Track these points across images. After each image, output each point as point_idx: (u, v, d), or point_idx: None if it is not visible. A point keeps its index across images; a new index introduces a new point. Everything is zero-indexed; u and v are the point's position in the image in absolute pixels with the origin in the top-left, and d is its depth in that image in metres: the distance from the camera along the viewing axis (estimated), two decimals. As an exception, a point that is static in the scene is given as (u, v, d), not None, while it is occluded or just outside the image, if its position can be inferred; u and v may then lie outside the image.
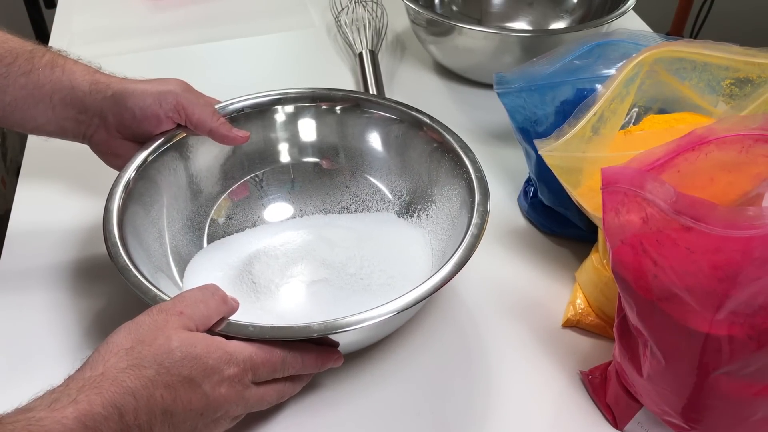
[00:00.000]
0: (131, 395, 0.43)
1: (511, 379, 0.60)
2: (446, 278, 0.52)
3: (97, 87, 0.62)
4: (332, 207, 0.71)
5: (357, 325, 0.49)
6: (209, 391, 0.47)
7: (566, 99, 0.65)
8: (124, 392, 0.43)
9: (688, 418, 0.49)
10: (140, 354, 0.45)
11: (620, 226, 0.46)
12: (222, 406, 0.48)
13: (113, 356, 0.45)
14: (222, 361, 0.47)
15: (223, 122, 0.65)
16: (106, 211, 0.58)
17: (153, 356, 0.45)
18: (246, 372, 0.49)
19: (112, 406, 0.42)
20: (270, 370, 0.50)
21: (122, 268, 0.54)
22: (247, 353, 0.49)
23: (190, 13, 1.10)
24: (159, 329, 0.47)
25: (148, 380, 0.44)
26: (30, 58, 0.61)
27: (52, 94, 0.61)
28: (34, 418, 0.40)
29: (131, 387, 0.44)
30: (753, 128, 0.47)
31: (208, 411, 0.47)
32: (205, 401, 0.47)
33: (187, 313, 0.48)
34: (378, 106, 0.70)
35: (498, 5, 1.04)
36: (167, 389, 0.45)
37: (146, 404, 0.44)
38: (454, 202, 0.63)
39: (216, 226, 0.68)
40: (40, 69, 0.61)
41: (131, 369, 0.44)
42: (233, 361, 0.48)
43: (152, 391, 0.44)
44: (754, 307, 0.42)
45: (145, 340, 0.46)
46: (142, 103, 0.62)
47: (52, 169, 0.79)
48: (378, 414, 0.57)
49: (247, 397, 0.49)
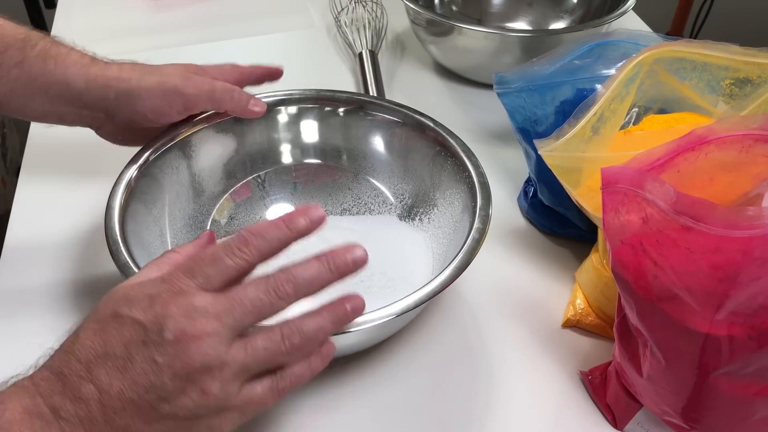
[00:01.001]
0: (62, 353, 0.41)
1: (511, 379, 0.60)
2: (446, 282, 0.52)
3: (94, 84, 0.59)
4: (334, 208, 0.71)
5: (354, 328, 0.49)
6: (141, 316, 0.39)
7: (566, 99, 0.65)
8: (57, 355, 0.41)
9: (688, 418, 0.49)
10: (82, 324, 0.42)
11: (620, 226, 0.46)
12: (165, 324, 0.39)
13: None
14: (145, 286, 0.41)
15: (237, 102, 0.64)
16: (108, 208, 0.58)
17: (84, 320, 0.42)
18: (179, 280, 0.41)
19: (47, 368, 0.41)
20: (211, 263, 0.41)
21: (123, 265, 0.54)
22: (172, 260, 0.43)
23: (190, 13, 1.10)
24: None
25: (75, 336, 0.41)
26: (22, 48, 0.58)
27: (47, 88, 0.59)
28: None
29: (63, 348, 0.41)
30: (753, 128, 0.47)
31: (151, 334, 0.39)
32: (140, 327, 0.39)
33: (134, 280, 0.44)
34: (381, 108, 0.70)
35: (498, 5, 1.04)
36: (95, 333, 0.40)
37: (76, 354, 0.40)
38: (456, 206, 0.63)
39: (218, 226, 0.68)
40: (32, 60, 0.58)
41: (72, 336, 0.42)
42: (158, 280, 0.41)
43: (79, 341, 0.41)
44: (754, 307, 0.42)
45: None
46: (151, 105, 0.61)
47: (52, 169, 0.79)
48: (378, 414, 0.57)
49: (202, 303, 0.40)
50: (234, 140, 0.70)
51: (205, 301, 0.40)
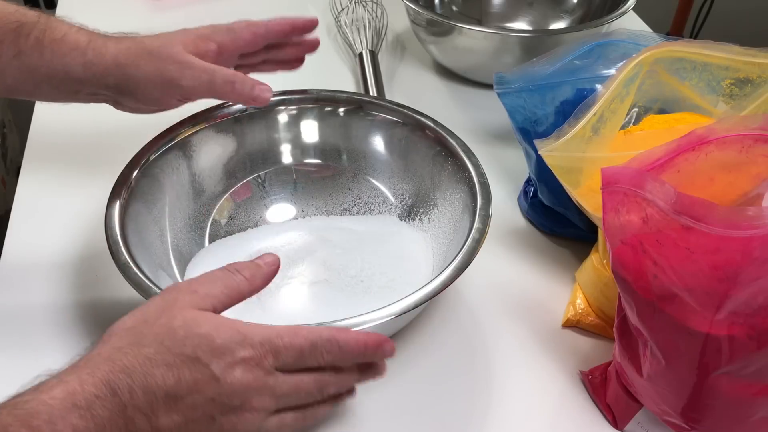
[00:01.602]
0: (125, 373, 0.39)
1: (512, 379, 0.60)
2: (446, 283, 0.52)
3: (93, 72, 0.57)
4: (335, 209, 0.71)
5: (353, 328, 0.49)
6: (220, 373, 0.41)
7: (566, 99, 0.65)
8: (118, 370, 0.39)
9: (688, 418, 0.49)
10: (140, 332, 0.41)
11: (620, 226, 0.46)
12: (238, 391, 0.42)
13: (114, 336, 0.42)
14: (233, 341, 0.42)
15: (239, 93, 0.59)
16: (108, 207, 0.58)
17: (154, 335, 0.41)
18: (265, 355, 0.42)
19: (104, 383, 0.39)
20: (296, 355, 0.43)
21: (123, 265, 0.54)
22: (265, 334, 0.43)
23: (190, 13, 1.10)
24: (166, 308, 0.43)
25: (146, 358, 0.40)
26: (15, 40, 0.57)
27: (49, 78, 0.58)
28: (21, 401, 0.38)
29: (126, 364, 0.40)
30: (753, 128, 0.47)
31: (222, 396, 0.41)
32: (216, 384, 0.41)
33: (201, 292, 0.44)
34: (381, 108, 0.70)
35: (498, 5, 1.04)
36: (168, 369, 0.40)
37: (143, 383, 0.40)
38: (456, 206, 0.63)
39: (218, 226, 0.68)
40: (28, 52, 0.57)
41: (129, 347, 0.41)
42: (247, 342, 0.42)
43: (150, 369, 0.40)
44: (754, 307, 0.42)
45: (148, 320, 0.42)
46: (150, 96, 0.59)
47: (52, 169, 0.79)
48: (378, 414, 0.57)
49: (272, 384, 0.43)
50: (234, 140, 0.70)
51: (276, 382, 0.43)
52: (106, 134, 0.75)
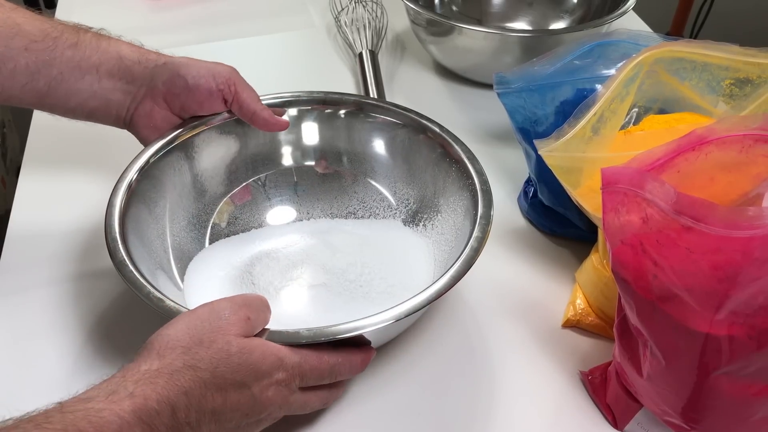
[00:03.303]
0: (185, 394, 0.44)
1: (511, 379, 0.60)
2: (442, 291, 0.52)
3: (146, 57, 0.63)
4: (339, 212, 0.71)
5: (346, 334, 0.49)
6: (257, 393, 0.47)
7: (566, 99, 0.65)
8: (178, 391, 0.44)
9: (688, 418, 0.49)
10: (197, 355, 0.45)
11: (620, 226, 0.46)
12: (267, 408, 0.48)
13: (170, 352, 0.45)
14: (274, 367, 0.48)
15: (266, 108, 0.66)
16: (109, 206, 0.58)
17: (210, 359, 0.45)
18: (294, 377, 0.49)
19: (166, 402, 0.43)
20: (317, 377, 0.50)
21: (119, 263, 0.54)
22: (297, 359, 0.49)
23: (190, 13, 1.10)
24: (220, 331, 0.47)
25: (202, 382, 0.45)
26: (76, 32, 0.62)
27: (99, 65, 0.62)
28: (94, 408, 0.41)
29: (185, 387, 0.44)
30: (753, 128, 0.47)
31: (254, 412, 0.48)
32: (252, 402, 0.47)
33: (252, 320, 0.49)
34: (383, 110, 0.70)
35: (498, 5, 1.05)
36: (219, 392, 0.46)
37: (198, 404, 0.45)
38: (458, 212, 0.63)
39: (219, 228, 0.68)
40: (87, 41, 0.62)
41: (187, 369, 0.45)
42: (283, 367, 0.48)
43: (204, 392, 0.45)
44: (754, 307, 0.42)
45: (203, 342, 0.46)
46: (195, 73, 0.63)
47: (52, 169, 0.79)
48: (379, 416, 0.57)
49: (291, 401, 0.50)
50: (236, 142, 0.70)
51: (295, 399, 0.50)
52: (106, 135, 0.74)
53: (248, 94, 0.65)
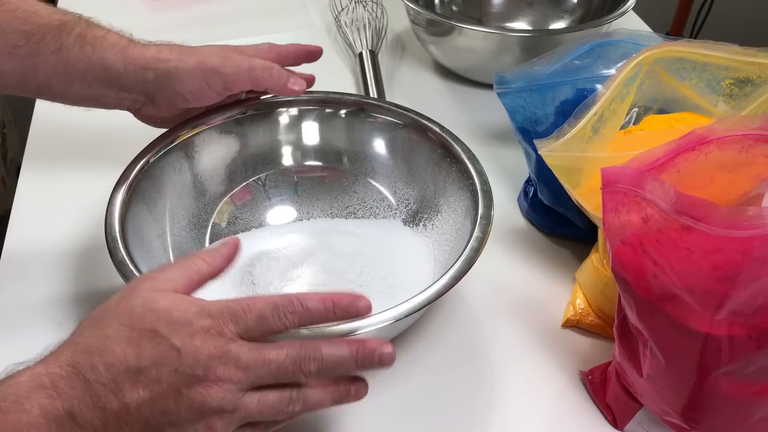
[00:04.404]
0: (86, 352, 0.41)
1: (511, 379, 0.60)
2: (442, 291, 0.52)
3: (133, 66, 0.60)
4: (339, 212, 0.70)
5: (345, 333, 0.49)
6: (180, 343, 0.41)
7: (566, 99, 0.65)
8: (80, 351, 0.41)
9: (688, 418, 0.49)
10: (101, 317, 0.43)
11: (620, 226, 0.46)
12: (200, 360, 0.41)
13: (78, 327, 0.44)
14: (191, 313, 0.42)
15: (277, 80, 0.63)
16: (109, 206, 0.58)
17: (113, 316, 0.43)
18: (225, 323, 0.43)
19: (67, 364, 0.40)
20: (257, 318, 0.43)
21: (119, 263, 0.54)
22: (223, 303, 0.43)
23: (190, 13, 1.10)
24: (125, 294, 0.44)
25: (106, 337, 0.42)
26: (58, 35, 0.58)
27: (86, 72, 0.59)
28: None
29: (87, 345, 0.41)
30: (753, 128, 0.47)
31: (184, 366, 0.41)
32: (177, 354, 0.41)
33: (159, 277, 0.45)
34: (383, 110, 0.70)
35: (498, 5, 1.04)
36: (128, 343, 0.41)
37: (103, 359, 0.41)
38: (459, 212, 0.63)
39: (219, 228, 0.68)
40: (70, 47, 0.59)
41: (90, 330, 0.42)
42: (205, 312, 0.43)
43: (109, 345, 0.41)
44: (754, 307, 0.42)
45: (109, 306, 0.44)
46: (191, 87, 0.61)
47: (52, 169, 0.79)
48: (379, 416, 0.57)
49: (236, 353, 0.42)
50: (236, 142, 0.70)
51: (240, 350, 0.42)
52: (106, 134, 0.75)
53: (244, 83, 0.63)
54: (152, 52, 0.60)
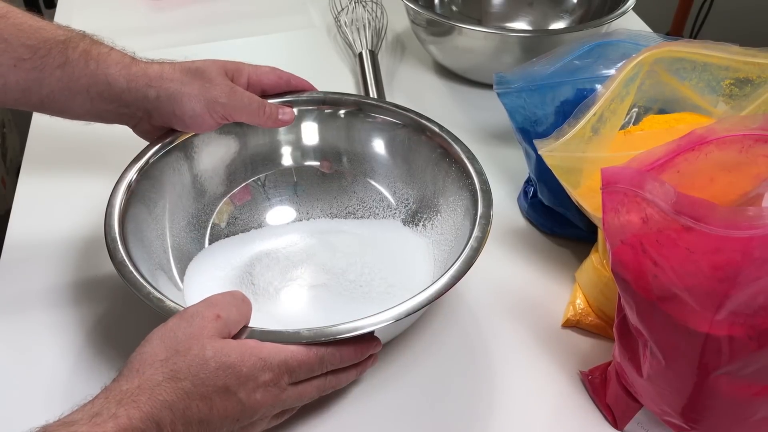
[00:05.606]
0: (168, 408, 0.44)
1: (511, 379, 0.60)
2: (442, 291, 0.52)
3: (135, 84, 0.60)
4: (339, 212, 0.70)
5: (346, 334, 0.49)
6: (244, 398, 0.47)
7: (566, 99, 0.65)
8: (161, 406, 0.43)
9: (688, 418, 0.49)
10: (175, 366, 0.45)
11: (620, 226, 0.46)
12: (258, 410, 0.48)
13: (148, 368, 0.45)
14: (256, 368, 0.47)
15: (269, 115, 0.65)
16: (109, 206, 0.58)
17: (188, 368, 0.45)
18: (281, 376, 0.48)
19: (150, 420, 0.43)
20: (307, 371, 0.49)
21: (119, 263, 0.54)
22: (282, 357, 0.48)
23: (190, 13, 1.10)
24: (194, 337, 0.46)
25: (184, 393, 0.44)
26: (64, 50, 0.59)
27: (89, 87, 0.60)
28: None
29: (168, 400, 0.44)
30: (753, 128, 0.47)
31: (244, 416, 0.47)
32: (241, 408, 0.47)
33: (223, 318, 0.48)
34: (382, 110, 0.70)
35: (498, 5, 1.04)
36: (203, 400, 0.45)
37: (183, 416, 0.44)
38: (458, 212, 0.63)
39: (219, 228, 0.68)
40: (74, 62, 0.59)
41: (167, 382, 0.44)
42: (267, 367, 0.47)
43: (188, 403, 0.44)
44: (754, 307, 0.42)
45: (179, 350, 0.46)
46: (191, 112, 0.61)
47: (52, 169, 0.79)
48: (379, 415, 0.57)
49: (284, 398, 0.49)
50: (236, 142, 0.70)
51: (288, 396, 0.49)
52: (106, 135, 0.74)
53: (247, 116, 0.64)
54: (155, 71, 0.61)
